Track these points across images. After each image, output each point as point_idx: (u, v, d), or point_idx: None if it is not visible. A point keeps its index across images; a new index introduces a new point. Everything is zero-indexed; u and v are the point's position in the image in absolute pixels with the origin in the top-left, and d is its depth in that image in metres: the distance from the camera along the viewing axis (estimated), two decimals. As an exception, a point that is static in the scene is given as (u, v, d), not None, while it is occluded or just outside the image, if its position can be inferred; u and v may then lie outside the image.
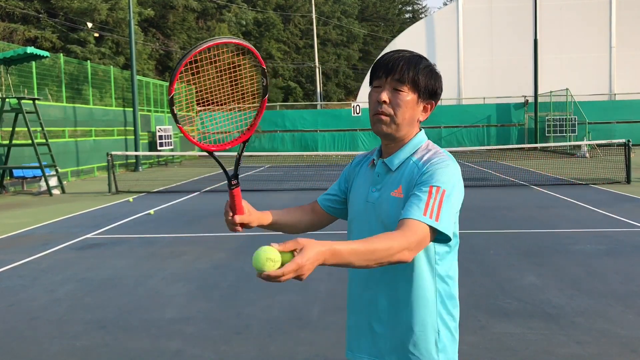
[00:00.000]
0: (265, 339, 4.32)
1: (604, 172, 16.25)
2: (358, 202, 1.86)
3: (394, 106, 1.72)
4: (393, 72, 1.72)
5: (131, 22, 21.53)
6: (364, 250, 1.48)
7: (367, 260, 1.49)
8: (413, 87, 1.73)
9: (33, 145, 14.22)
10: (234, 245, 7.75)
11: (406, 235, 1.55)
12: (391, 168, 1.77)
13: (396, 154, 1.78)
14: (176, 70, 1.74)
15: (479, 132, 30.74)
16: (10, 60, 13.91)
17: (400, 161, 1.76)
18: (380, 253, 1.50)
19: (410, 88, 1.72)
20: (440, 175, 1.66)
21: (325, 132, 31.20)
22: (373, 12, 56.97)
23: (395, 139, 1.77)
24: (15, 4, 31.41)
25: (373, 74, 1.78)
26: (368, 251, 1.48)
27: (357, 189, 1.89)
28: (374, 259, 1.50)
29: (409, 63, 1.72)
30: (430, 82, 1.75)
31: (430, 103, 1.79)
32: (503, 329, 4.42)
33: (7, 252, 7.59)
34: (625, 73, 32.67)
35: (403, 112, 1.73)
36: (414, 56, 1.75)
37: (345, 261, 1.47)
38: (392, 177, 1.76)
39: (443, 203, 1.62)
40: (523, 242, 7.50)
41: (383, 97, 1.71)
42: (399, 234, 1.55)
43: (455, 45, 33.64)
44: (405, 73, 1.71)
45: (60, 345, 4.29)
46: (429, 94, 1.77)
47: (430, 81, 1.75)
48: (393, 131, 1.74)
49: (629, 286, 5.45)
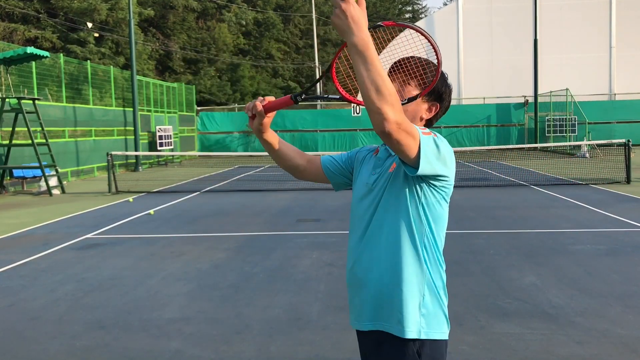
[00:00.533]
0: (265, 339, 4.32)
1: (604, 172, 16.24)
2: (359, 186, 1.97)
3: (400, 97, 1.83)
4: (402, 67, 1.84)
5: (131, 22, 21.53)
6: (382, 71, 1.54)
7: (374, 76, 1.53)
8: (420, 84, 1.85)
9: (33, 145, 14.22)
10: (234, 245, 7.75)
11: (404, 110, 1.63)
12: (391, 153, 1.88)
13: None
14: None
15: (479, 132, 30.73)
16: (10, 60, 13.91)
17: None
18: (387, 87, 1.53)
19: (417, 84, 1.84)
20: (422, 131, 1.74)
21: (325, 132, 31.21)
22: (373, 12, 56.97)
23: None
24: (15, 4, 31.40)
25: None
26: (383, 75, 1.54)
27: (361, 175, 1.99)
28: (378, 83, 1.53)
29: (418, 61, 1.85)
30: (437, 83, 1.86)
31: (435, 105, 1.90)
32: (503, 329, 4.42)
33: (7, 252, 7.59)
34: (625, 73, 32.66)
35: (408, 105, 1.85)
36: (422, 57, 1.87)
37: (366, 54, 1.52)
38: (391, 159, 1.88)
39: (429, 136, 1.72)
40: (523, 242, 7.50)
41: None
42: (401, 106, 1.61)
43: (455, 45, 33.64)
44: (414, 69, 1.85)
45: (60, 345, 4.29)
46: (437, 95, 1.89)
47: (438, 83, 1.86)
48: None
49: (629, 286, 5.45)
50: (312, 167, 2.12)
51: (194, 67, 42.38)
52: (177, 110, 28.62)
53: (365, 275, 1.86)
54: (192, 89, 31.57)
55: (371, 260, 1.85)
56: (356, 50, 1.53)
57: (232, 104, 37.83)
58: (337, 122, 31.09)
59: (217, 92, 40.83)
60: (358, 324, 1.91)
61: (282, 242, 7.83)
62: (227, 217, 10.12)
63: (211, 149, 31.08)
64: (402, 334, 1.77)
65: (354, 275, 1.92)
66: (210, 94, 40.64)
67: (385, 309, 1.81)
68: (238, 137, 31.65)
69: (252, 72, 43.89)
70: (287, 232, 8.60)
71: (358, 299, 1.90)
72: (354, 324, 1.94)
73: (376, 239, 1.85)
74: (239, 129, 31.54)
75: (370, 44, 1.53)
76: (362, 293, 1.87)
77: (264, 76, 45.52)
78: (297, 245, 7.63)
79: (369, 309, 1.85)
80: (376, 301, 1.83)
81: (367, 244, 1.87)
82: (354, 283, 1.92)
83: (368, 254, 1.86)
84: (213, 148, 31.09)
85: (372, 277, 1.84)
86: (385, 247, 1.83)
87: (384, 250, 1.83)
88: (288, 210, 10.74)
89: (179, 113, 28.80)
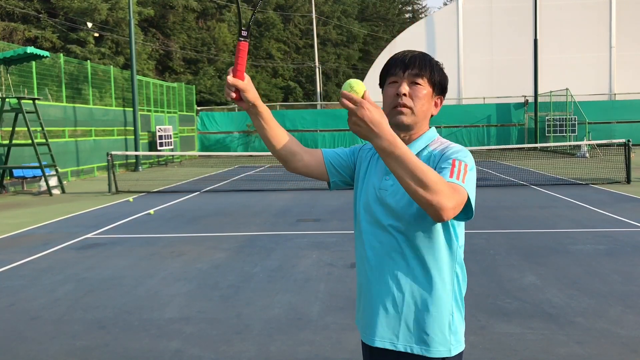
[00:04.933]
0: (265, 339, 4.32)
1: (604, 172, 16.25)
2: (368, 191, 1.85)
3: (413, 98, 1.78)
4: (411, 66, 1.79)
5: (131, 22, 21.52)
6: (418, 163, 1.47)
7: (413, 172, 1.46)
8: (429, 81, 1.81)
9: (33, 145, 14.22)
10: (234, 245, 7.75)
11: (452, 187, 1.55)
12: None
13: (412, 144, 1.82)
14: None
15: (479, 132, 30.73)
16: (10, 60, 13.91)
17: (416, 151, 1.80)
18: (430, 178, 1.46)
19: (426, 82, 1.80)
20: (460, 155, 1.72)
21: (325, 132, 31.21)
22: (373, 12, 56.94)
23: (411, 131, 1.82)
24: (15, 4, 31.40)
25: (387, 72, 1.84)
26: (421, 166, 1.47)
27: (368, 178, 1.88)
28: (420, 177, 1.46)
29: (424, 59, 1.81)
30: (443, 77, 1.85)
31: (440, 98, 1.88)
32: (503, 329, 4.42)
33: (7, 252, 7.59)
34: (625, 73, 32.65)
35: (422, 103, 1.79)
36: (426, 54, 1.85)
37: (397, 153, 1.46)
38: None
39: (468, 172, 1.65)
40: (523, 242, 7.50)
41: (403, 90, 1.77)
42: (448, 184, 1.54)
43: (455, 45, 33.62)
44: (423, 67, 1.79)
45: (60, 345, 4.29)
46: (441, 89, 1.86)
47: (443, 76, 1.85)
48: (412, 122, 1.79)
49: (629, 286, 5.45)
50: (310, 159, 1.92)
51: (194, 67, 42.38)
52: (177, 110, 28.62)
53: (387, 293, 1.78)
54: (192, 89, 31.56)
55: (394, 278, 1.76)
56: (385, 152, 1.47)
57: (232, 104, 37.81)
58: (337, 122, 31.09)
59: (217, 92, 40.81)
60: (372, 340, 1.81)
61: (282, 242, 7.83)
62: (227, 217, 10.12)
63: (211, 149, 31.08)
64: (432, 354, 1.74)
65: (369, 290, 1.83)
66: (210, 94, 40.64)
67: (413, 330, 1.75)
68: (238, 137, 31.64)
69: (252, 72, 43.87)
70: (287, 232, 8.60)
71: (372, 315, 1.82)
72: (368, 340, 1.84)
73: (399, 253, 1.76)
74: (239, 129, 31.54)
75: (397, 141, 1.46)
76: (381, 310, 1.79)
77: (264, 76, 45.51)
78: (297, 245, 7.63)
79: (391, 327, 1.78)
80: (401, 321, 1.76)
81: (388, 257, 1.77)
82: (369, 298, 1.83)
83: (390, 270, 1.77)
84: (213, 148, 31.09)
85: (397, 296, 1.76)
86: (413, 264, 1.75)
87: (411, 267, 1.75)
88: (288, 210, 10.74)
89: (179, 113, 28.80)
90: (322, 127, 31.25)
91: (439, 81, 1.83)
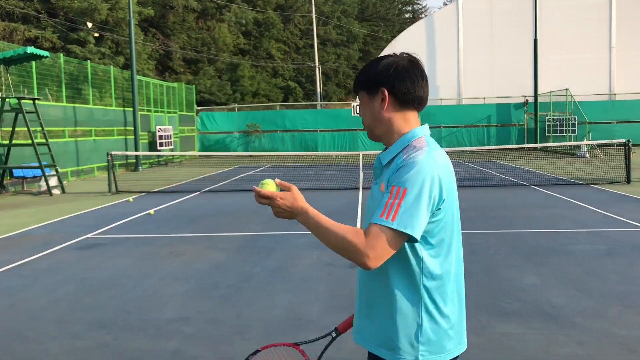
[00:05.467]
0: (266, 339, 4.31)
1: (604, 172, 16.25)
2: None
3: (361, 116, 1.89)
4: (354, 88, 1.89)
5: (131, 22, 21.52)
6: (332, 229, 1.64)
7: (324, 239, 1.67)
8: (362, 90, 1.85)
9: (33, 145, 14.22)
10: (234, 245, 7.75)
11: (367, 239, 1.63)
12: (382, 163, 1.84)
13: (388, 150, 1.83)
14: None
15: (479, 132, 30.73)
16: (10, 60, 13.91)
17: (391, 156, 1.80)
18: (345, 242, 1.61)
19: (362, 94, 1.85)
20: (404, 175, 1.66)
21: (325, 132, 31.21)
22: (373, 12, 56.95)
23: (386, 140, 1.85)
24: (15, 4, 31.40)
25: None
26: (335, 232, 1.64)
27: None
28: (329, 242, 1.65)
29: (358, 75, 1.86)
30: (367, 72, 1.83)
31: (381, 91, 1.78)
32: (503, 329, 4.42)
33: (7, 252, 7.59)
34: (625, 73, 32.66)
35: (365, 116, 1.85)
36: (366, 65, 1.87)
37: (309, 227, 1.69)
38: (384, 171, 1.82)
39: (402, 202, 1.63)
40: (523, 242, 7.50)
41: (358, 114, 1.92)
42: (362, 236, 1.63)
43: (455, 45, 33.63)
44: (356, 83, 1.87)
45: (60, 345, 4.29)
46: (373, 83, 1.80)
47: (367, 72, 1.83)
48: (375, 135, 1.86)
49: (629, 286, 5.45)
50: None
51: (194, 67, 42.37)
52: (177, 110, 28.62)
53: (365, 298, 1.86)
54: (192, 89, 31.56)
55: (369, 285, 1.84)
56: (305, 225, 1.69)
57: (232, 104, 37.81)
58: (337, 122, 31.09)
59: (217, 92, 40.80)
60: (355, 337, 1.93)
61: (282, 242, 7.83)
62: (227, 217, 10.12)
63: (211, 149, 31.09)
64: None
65: (357, 291, 1.92)
66: (210, 93, 40.62)
67: (383, 336, 1.79)
68: (238, 137, 31.65)
69: (252, 72, 43.85)
70: (287, 232, 8.60)
71: (356, 315, 1.93)
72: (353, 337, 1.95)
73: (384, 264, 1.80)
74: (239, 129, 31.54)
75: (309, 215, 1.68)
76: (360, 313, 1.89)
77: (264, 76, 45.51)
78: (297, 245, 7.63)
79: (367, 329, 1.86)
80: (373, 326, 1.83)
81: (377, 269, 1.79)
82: (356, 299, 1.93)
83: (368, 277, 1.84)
84: (213, 148, 31.10)
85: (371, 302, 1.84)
86: (383, 275, 1.77)
87: (382, 277, 1.78)
88: (288, 210, 10.72)
89: (179, 113, 28.80)
90: (322, 127, 31.25)
91: (364, 79, 1.82)
